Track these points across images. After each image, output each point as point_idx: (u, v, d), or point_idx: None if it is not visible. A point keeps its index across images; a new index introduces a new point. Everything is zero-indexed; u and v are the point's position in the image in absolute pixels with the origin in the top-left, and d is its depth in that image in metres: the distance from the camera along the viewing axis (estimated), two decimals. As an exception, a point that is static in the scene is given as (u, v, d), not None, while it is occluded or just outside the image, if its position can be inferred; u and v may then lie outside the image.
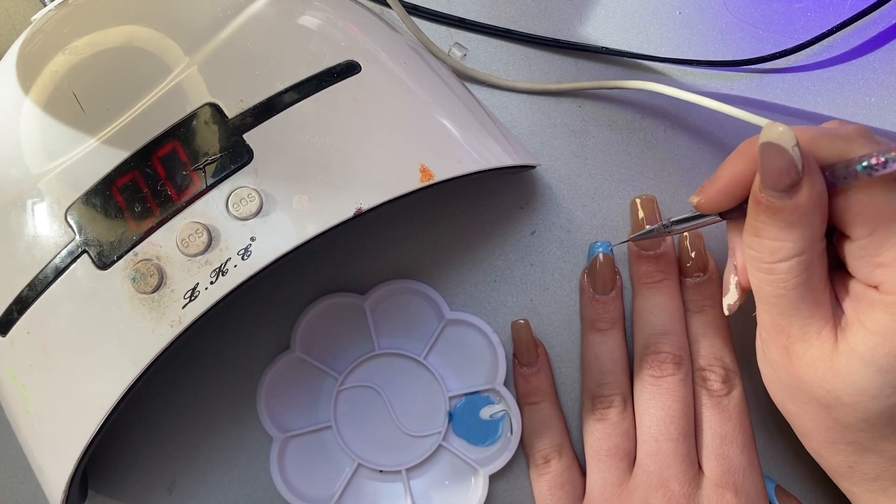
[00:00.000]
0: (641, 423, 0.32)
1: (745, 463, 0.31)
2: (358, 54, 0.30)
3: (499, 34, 0.39)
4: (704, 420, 0.32)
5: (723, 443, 0.31)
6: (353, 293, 0.35)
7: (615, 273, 0.34)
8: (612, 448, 0.32)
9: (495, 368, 0.34)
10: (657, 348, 0.32)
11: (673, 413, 0.31)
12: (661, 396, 0.31)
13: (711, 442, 0.31)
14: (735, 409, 0.32)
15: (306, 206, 0.27)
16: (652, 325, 0.32)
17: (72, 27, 0.29)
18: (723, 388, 0.32)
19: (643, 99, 0.37)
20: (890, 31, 0.38)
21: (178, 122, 0.27)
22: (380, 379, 0.35)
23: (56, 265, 0.27)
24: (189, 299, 0.26)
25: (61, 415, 0.28)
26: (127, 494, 0.35)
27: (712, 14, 0.39)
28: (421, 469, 0.34)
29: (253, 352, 0.35)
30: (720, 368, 0.32)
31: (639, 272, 0.34)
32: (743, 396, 0.32)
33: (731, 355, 0.33)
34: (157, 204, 0.27)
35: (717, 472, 0.31)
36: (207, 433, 0.35)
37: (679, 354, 0.32)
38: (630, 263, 0.35)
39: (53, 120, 0.28)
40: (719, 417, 0.31)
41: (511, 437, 0.33)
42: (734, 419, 0.31)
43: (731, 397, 0.32)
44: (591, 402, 0.33)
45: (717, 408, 0.32)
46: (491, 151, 0.31)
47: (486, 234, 0.36)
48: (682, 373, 0.32)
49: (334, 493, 0.33)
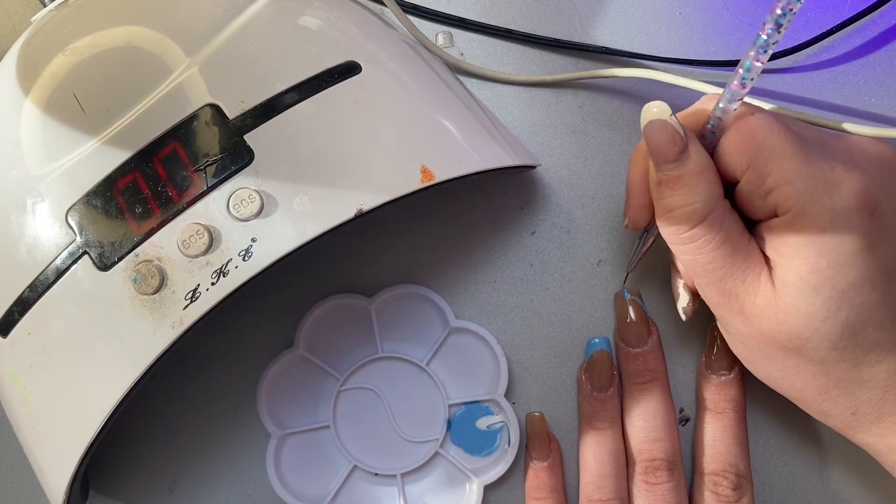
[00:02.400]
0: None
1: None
2: (358, 55, 0.30)
3: (498, 34, 0.39)
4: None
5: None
6: (359, 294, 0.35)
7: (613, 370, 0.34)
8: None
9: (497, 379, 0.34)
10: (652, 455, 0.32)
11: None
12: (656, 502, 0.31)
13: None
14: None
15: (307, 207, 0.27)
16: (646, 431, 0.32)
17: (72, 28, 0.29)
18: (733, 495, 0.31)
19: (643, 99, 0.37)
20: (890, 31, 0.38)
21: (179, 123, 0.27)
22: (381, 382, 0.35)
23: (57, 266, 0.27)
24: (190, 300, 0.26)
25: (62, 416, 0.28)
26: (128, 494, 0.35)
27: (712, 14, 0.39)
28: (416, 475, 0.34)
29: (256, 352, 0.35)
30: (733, 475, 0.32)
31: (627, 370, 0.33)
32: (752, 502, 0.32)
33: (745, 461, 0.32)
34: (157, 205, 0.27)
35: None
36: (208, 433, 0.35)
37: (672, 460, 0.32)
38: (618, 359, 0.34)
39: (54, 121, 0.28)
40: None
41: (508, 449, 0.33)
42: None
43: None
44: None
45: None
46: (491, 151, 0.31)
47: (486, 235, 0.36)
48: (676, 478, 0.32)
49: (328, 493, 0.33)
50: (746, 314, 0.28)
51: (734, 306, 0.28)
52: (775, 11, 0.24)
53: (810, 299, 0.26)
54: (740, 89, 0.27)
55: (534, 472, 0.33)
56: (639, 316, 0.34)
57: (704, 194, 0.28)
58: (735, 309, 0.28)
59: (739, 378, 0.33)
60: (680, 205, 0.28)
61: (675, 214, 0.28)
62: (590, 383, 0.33)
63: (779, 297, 0.27)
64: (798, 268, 0.26)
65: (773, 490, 0.33)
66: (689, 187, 0.28)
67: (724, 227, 0.28)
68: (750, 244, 0.28)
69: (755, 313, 0.28)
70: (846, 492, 0.33)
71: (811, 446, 0.34)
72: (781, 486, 0.34)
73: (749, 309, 0.28)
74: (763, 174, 0.27)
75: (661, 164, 0.28)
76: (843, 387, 0.28)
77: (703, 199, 0.28)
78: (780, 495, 0.33)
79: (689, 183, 0.28)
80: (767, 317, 0.27)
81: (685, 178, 0.28)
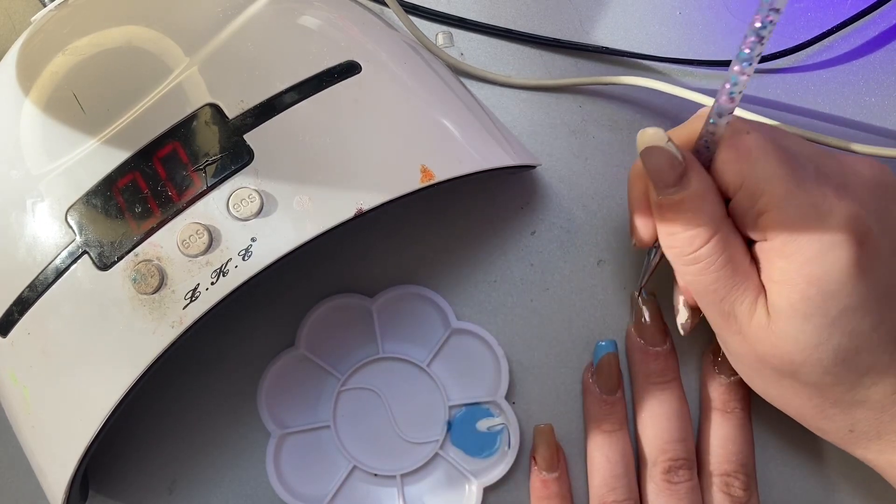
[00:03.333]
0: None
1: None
2: (358, 54, 0.29)
3: (498, 34, 0.39)
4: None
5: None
6: (360, 294, 0.35)
7: (620, 373, 0.34)
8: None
9: (497, 381, 0.34)
10: (676, 454, 0.32)
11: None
12: (677, 502, 0.31)
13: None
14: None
15: (307, 207, 0.27)
16: (669, 431, 0.32)
17: (72, 27, 0.29)
18: (744, 496, 0.32)
19: (643, 99, 0.37)
20: (890, 32, 0.38)
21: (179, 122, 0.27)
22: (381, 382, 0.35)
23: (57, 266, 0.27)
24: (190, 300, 0.26)
25: (62, 416, 0.28)
26: (127, 494, 0.34)
27: (712, 14, 0.39)
28: (416, 476, 0.34)
29: (256, 352, 0.35)
30: (744, 476, 0.32)
31: (646, 370, 0.33)
32: (759, 502, 0.32)
33: (753, 461, 0.33)
34: (157, 204, 0.27)
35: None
36: (208, 433, 0.35)
37: (692, 460, 0.32)
38: (632, 358, 0.34)
39: (54, 120, 0.28)
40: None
41: (508, 451, 0.33)
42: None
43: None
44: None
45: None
46: (491, 151, 0.31)
47: (486, 235, 0.36)
48: (694, 479, 0.32)
49: (328, 493, 0.33)
50: (744, 335, 0.28)
51: (732, 327, 0.28)
52: (755, 24, 0.24)
53: (801, 326, 0.26)
54: (729, 103, 0.26)
55: (542, 482, 0.33)
56: (657, 315, 0.34)
57: (707, 217, 0.27)
58: (733, 330, 0.28)
59: None
60: (683, 229, 0.28)
61: (679, 238, 0.28)
62: (599, 386, 0.33)
63: (772, 322, 0.27)
64: (788, 295, 0.26)
65: (773, 490, 0.33)
66: (692, 211, 0.27)
67: (727, 249, 0.27)
68: (751, 267, 0.28)
69: (751, 335, 0.28)
70: (846, 492, 0.33)
71: (811, 446, 0.34)
72: (781, 486, 0.33)
73: (746, 331, 0.28)
74: (755, 195, 0.27)
75: (660, 188, 0.28)
76: (839, 406, 0.28)
77: (706, 222, 0.27)
78: (780, 495, 0.33)
79: (691, 207, 0.27)
80: (762, 340, 0.27)
81: (686, 202, 0.27)
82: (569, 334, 0.35)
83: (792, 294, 0.26)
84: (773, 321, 0.27)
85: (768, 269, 0.27)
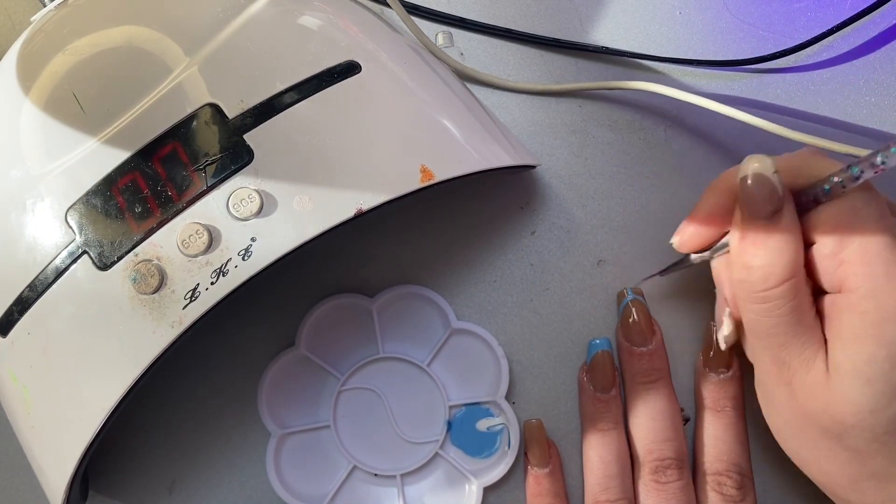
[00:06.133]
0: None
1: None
2: (358, 54, 0.30)
3: (499, 34, 0.39)
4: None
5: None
6: (360, 294, 0.35)
7: (615, 371, 0.33)
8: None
9: (497, 381, 0.34)
10: (662, 454, 0.32)
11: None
12: (666, 501, 0.31)
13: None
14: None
15: (307, 207, 0.27)
16: (655, 431, 0.32)
17: (72, 27, 0.29)
18: (738, 494, 0.31)
19: (643, 99, 0.37)
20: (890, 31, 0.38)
21: (179, 122, 0.27)
22: (382, 382, 0.35)
23: (56, 266, 0.27)
24: (190, 300, 0.26)
25: (62, 415, 0.28)
26: (127, 494, 0.34)
27: (712, 14, 0.39)
28: (416, 476, 0.34)
29: (256, 352, 0.35)
30: (737, 475, 0.32)
31: (633, 370, 0.33)
32: (755, 502, 0.32)
33: (747, 460, 0.32)
34: (157, 204, 0.27)
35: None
36: (208, 433, 0.35)
37: (681, 459, 0.32)
38: (620, 357, 0.34)
39: (53, 120, 0.28)
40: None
41: (508, 451, 0.33)
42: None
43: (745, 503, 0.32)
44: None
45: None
46: (491, 151, 0.31)
47: (485, 235, 0.36)
48: (685, 477, 0.32)
49: (328, 493, 0.33)
50: (794, 388, 0.27)
51: (784, 376, 0.28)
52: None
53: (862, 388, 0.25)
54: (871, 170, 0.26)
55: (534, 478, 0.33)
56: (643, 315, 0.34)
57: (787, 259, 0.27)
58: (784, 379, 0.28)
59: (738, 376, 0.33)
60: (761, 265, 0.27)
61: (754, 273, 0.27)
62: (592, 384, 0.33)
63: (830, 380, 0.26)
64: (854, 355, 0.26)
65: (773, 490, 0.33)
66: (775, 251, 0.27)
67: (797, 296, 0.27)
68: (816, 319, 0.27)
69: (803, 389, 0.27)
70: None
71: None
72: (781, 486, 0.33)
73: (797, 383, 0.27)
74: (844, 242, 0.26)
75: (752, 216, 0.27)
76: (875, 479, 0.27)
77: (785, 263, 0.27)
78: (780, 495, 0.33)
79: (776, 246, 0.27)
80: (814, 396, 0.27)
81: (773, 239, 0.27)
82: (568, 334, 0.35)
83: (858, 354, 0.25)
84: (831, 378, 0.26)
85: (836, 324, 0.26)
